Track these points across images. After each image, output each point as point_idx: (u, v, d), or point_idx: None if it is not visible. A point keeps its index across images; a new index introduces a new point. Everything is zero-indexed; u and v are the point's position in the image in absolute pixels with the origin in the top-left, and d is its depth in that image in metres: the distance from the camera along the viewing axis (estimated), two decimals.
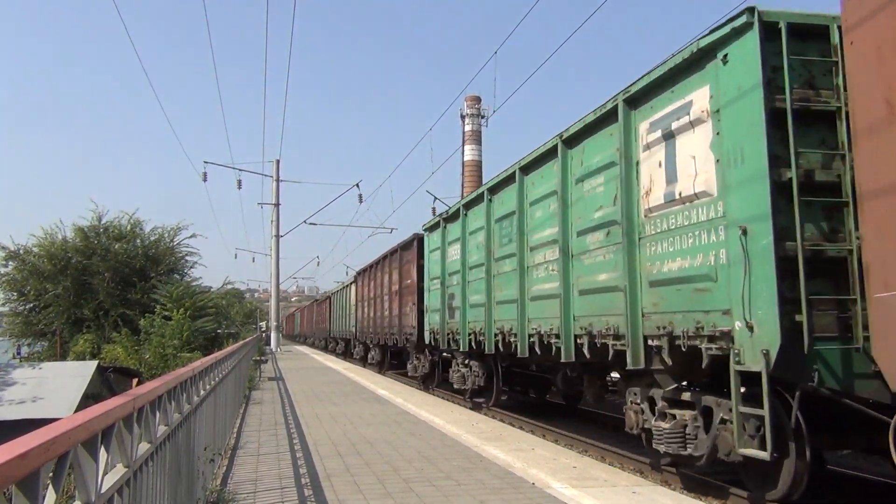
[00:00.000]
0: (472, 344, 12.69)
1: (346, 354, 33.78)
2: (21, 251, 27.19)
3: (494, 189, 11.74)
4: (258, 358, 23.37)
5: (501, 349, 11.26)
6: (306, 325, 65.62)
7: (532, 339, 9.76)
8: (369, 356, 25.94)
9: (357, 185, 40.17)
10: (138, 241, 28.99)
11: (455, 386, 14.44)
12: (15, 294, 27.76)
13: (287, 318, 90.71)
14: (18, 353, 28.23)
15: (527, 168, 10.30)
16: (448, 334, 14.38)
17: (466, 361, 13.83)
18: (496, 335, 11.33)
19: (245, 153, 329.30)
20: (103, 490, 2.37)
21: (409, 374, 19.03)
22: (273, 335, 41.70)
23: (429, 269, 16.42)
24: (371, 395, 15.25)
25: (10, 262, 27.21)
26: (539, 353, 9.55)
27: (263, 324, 61.98)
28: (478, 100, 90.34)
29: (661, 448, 6.76)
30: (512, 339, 10.53)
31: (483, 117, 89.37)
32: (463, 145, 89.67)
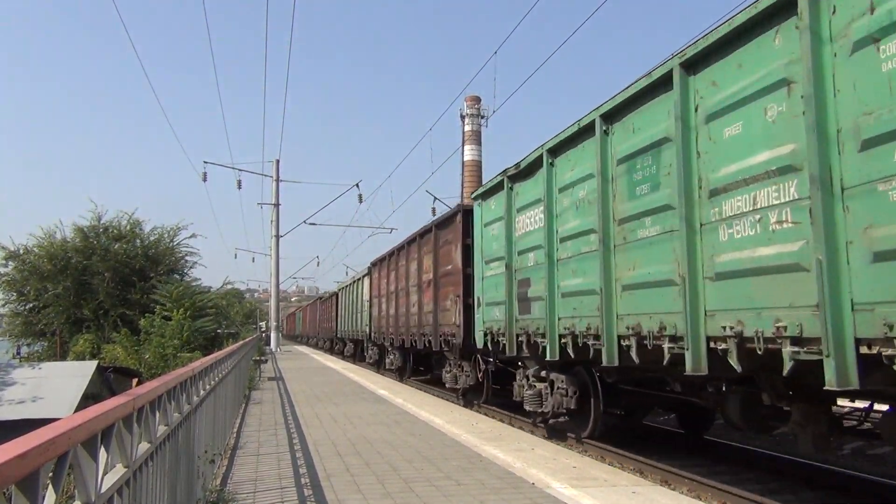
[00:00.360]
0: (569, 349, 8.31)
1: (357, 357, 30.36)
2: (21, 251, 27.19)
3: (611, 116, 7.48)
4: (258, 358, 23.38)
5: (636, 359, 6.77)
6: (309, 324, 61.53)
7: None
8: (386, 361, 22.49)
9: (357, 185, 40.23)
10: (138, 241, 28.99)
11: (527, 408, 10.35)
12: (14, 294, 27.76)
13: (288, 318, 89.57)
14: (18, 353, 28.23)
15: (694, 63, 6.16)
16: (518, 335, 10.07)
17: (544, 374, 9.99)
18: (622, 338, 7.11)
19: (245, 153, 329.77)
20: (103, 490, 2.37)
21: (448, 384, 14.94)
22: (273, 335, 41.70)
23: (482, 248, 11.87)
24: (371, 395, 15.25)
25: (10, 263, 27.21)
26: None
27: (263, 324, 62.01)
28: (478, 100, 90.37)
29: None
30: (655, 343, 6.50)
31: (483, 117, 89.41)
32: (463, 145, 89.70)
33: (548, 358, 8.89)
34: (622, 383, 9.18)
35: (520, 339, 9.99)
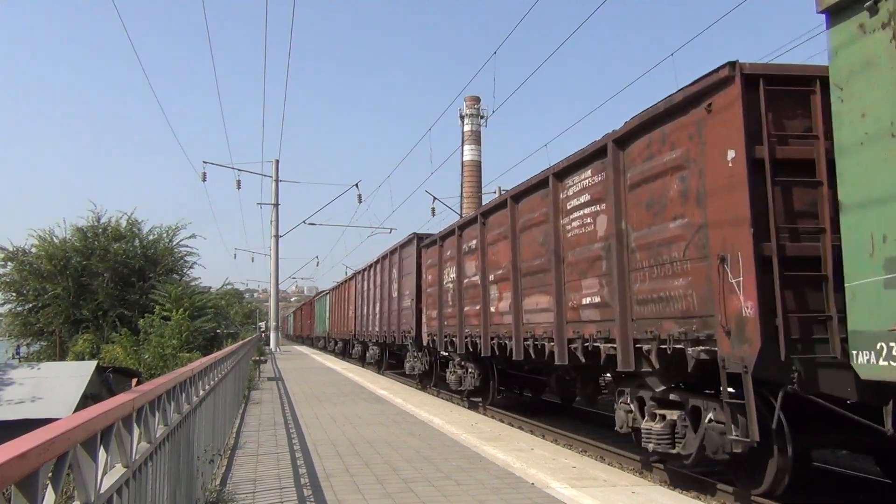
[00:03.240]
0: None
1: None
2: (20, 253, 27.15)
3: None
4: (257, 358, 23.37)
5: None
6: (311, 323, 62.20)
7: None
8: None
9: (356, 185, 40.21)
10: (137, 241, 28.95)
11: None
12: (14, 294, 27.73)
13: (288, 318, 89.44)
14: (17, 354, 28.19)
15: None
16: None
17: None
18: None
19: (244, 153, 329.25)
20: (102, 490, 2.37)
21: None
22: (272, 335, 41.69)
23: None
24: (370, 396, 15.25)
25: (9, 263, 27.18)
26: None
27: (263, 324, 61.97)
28: (477, 100, 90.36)
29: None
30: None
31: (482, 117, 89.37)
32: (462, 145, 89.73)
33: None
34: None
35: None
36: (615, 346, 7.41)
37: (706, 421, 6.35)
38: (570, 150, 8.98)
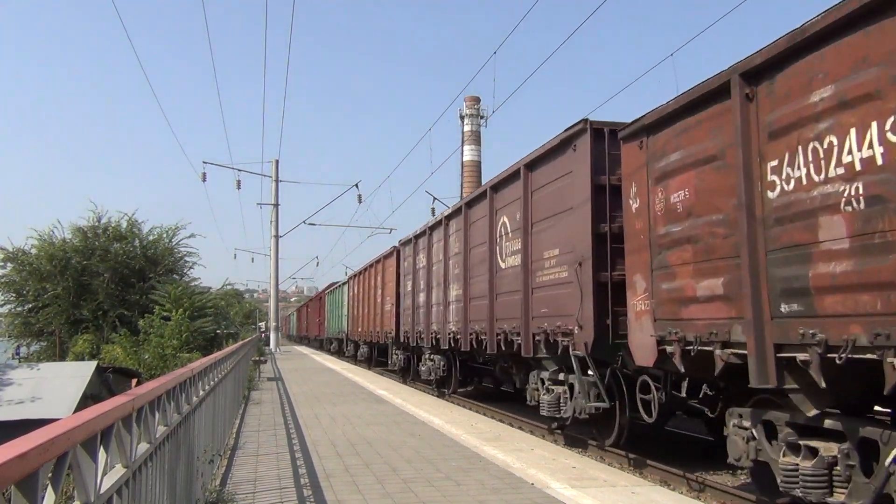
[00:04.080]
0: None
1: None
2: (20, 253, 27.13)
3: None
4: (257, 358, 23.36)
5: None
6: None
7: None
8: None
9: (356, 185, 40.23)
10: (137, 241, 28.92)
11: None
12: (14, 294, 27.71)
13: (290, 317, 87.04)
14: (17, 354, 28.18)
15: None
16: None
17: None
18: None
19: (244, 153, 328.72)
20: (102, 490, 2.37)
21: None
22: (272, 335, 41.69)
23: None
24: (370, 396, 15.26)
25: (9, 264, 27.16)
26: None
27: (263, 324, 61.91)
28: (477, 100, 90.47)
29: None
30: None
31: (482, 117, 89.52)
32: (462, 145, 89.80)
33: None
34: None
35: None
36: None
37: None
38: None
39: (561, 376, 9.33)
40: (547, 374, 9.65)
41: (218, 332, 27.28)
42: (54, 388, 15.19)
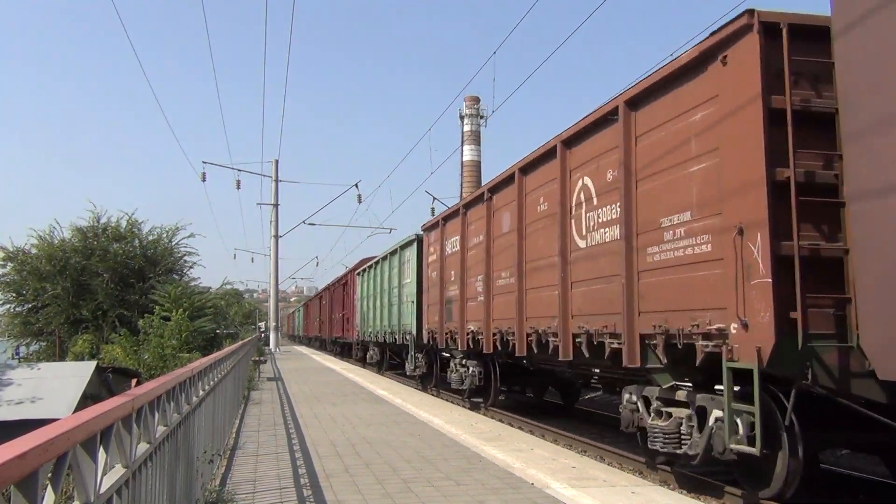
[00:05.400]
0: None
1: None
2: (19, 253, 27.12)
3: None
4: (257, 358, 23.35)
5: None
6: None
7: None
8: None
9: (356, 185, 40.21)
10: (136, 241, 28.92)
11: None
12: (13, 294, 27.71)
13: (295, 313, 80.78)
14: (17, 354, 28.16)
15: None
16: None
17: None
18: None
19: (244, 153, 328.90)
20: (102, 490, 2.37)
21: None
22: (272, 335, 41.66)
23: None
24: (370, 396, 15.25)
25: (9, 264, 27.15)
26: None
27: (262, 324, 61.88)
28: (477, 100, 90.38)
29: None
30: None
31: (482, 117, 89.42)
32: (462, 145, 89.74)
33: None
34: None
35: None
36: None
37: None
38: None
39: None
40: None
41: (217, 332, 27.27)
42: (54, 388, 15.18)
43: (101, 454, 2.43)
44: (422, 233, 17.65)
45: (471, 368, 13.31)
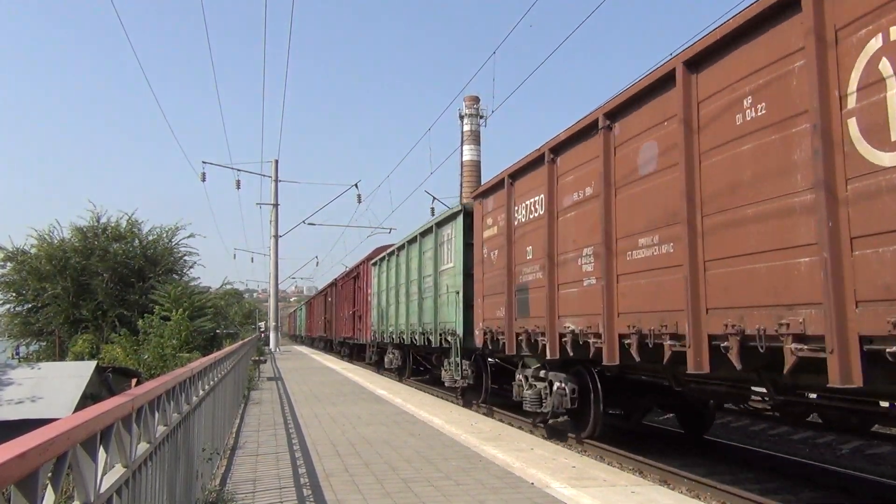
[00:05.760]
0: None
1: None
2: (19, 253, 27.12)
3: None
4: (257, 358, 23.36)
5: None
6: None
7: None
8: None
9: (356, 185, 40.24)
10: (136, 241, 28.94)
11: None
12: (13, 294, 27.71)
13: (297, 311, 75.99)
14: (17, 354, 28.17)
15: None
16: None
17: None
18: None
19: (243, 153, 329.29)
20: (102, 490, 2.37)
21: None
22: (272, 335, 41.67)
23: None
24: (370, 396, 15.25)
25: (9, 263, 27.16)
26: None
27: (262, 324, 61.88)
28: (476, 100, 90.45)
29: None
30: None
31: (482, 117, 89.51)
32: (462, 145, 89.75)
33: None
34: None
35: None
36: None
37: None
38: None
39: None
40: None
41: (217, 331, 27.28)
42: (54, 388, 15.18)
43: (101, 454, 2.43)
44: (470, 202, 13.54)
45: (557, 384, 9.70)
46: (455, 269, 14.28)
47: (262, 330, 52.73)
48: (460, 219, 14.08)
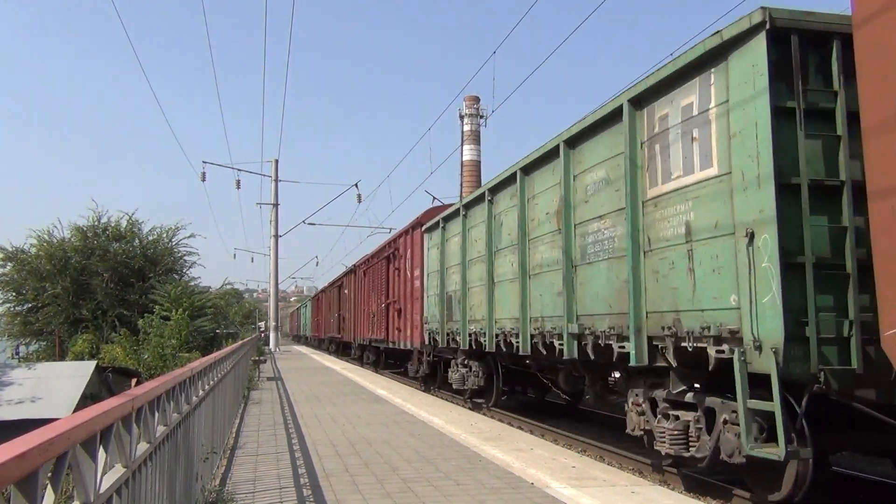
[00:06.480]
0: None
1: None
2: (19, 253, 27.12)
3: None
4: (257, 358, 23.36)
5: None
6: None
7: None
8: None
9: (356, 185, 40.26)
10: (136, 241, 28.95)
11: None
12: (13, 294, 27.71)
13: (301, 309, 71.51)
14: (17, 353, 28.17)
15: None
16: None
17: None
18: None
19: (244, 153, 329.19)
20: (102, 490, 2.37)
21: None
22: (272, 335, 41.68)
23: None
24: (370, 395, 15.25)
25: (9, 263, 27.16)
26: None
27: (262, 324, 61.89)
28: (476, 100, 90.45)
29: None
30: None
31: (482, 117, 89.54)
32: (462, 145, 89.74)
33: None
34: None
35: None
36: None
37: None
38: None
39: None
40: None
41: (217, 331, 27.28)
42: (54, 388, 15.19)
43: (101, 454, 2.43)
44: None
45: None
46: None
47: (262, 330, 52.75)
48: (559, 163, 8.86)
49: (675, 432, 6.52)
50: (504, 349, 10.94)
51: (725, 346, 5.69)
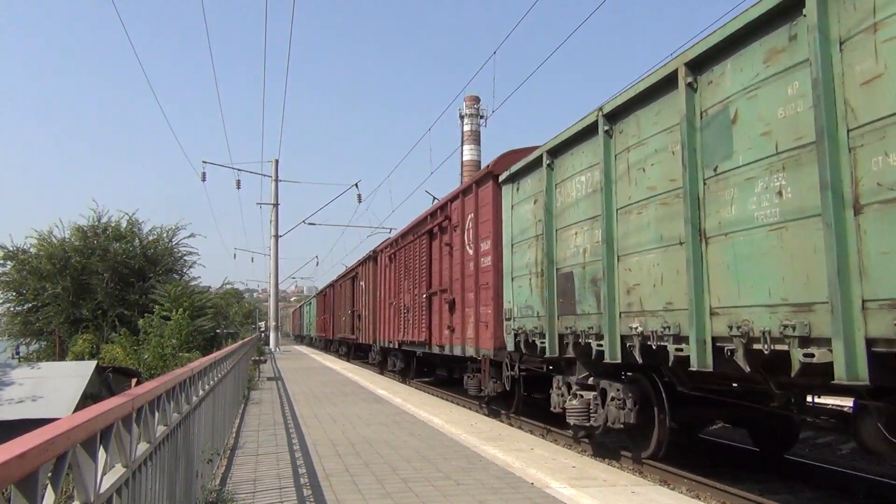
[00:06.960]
0: None
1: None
2: (19, 252, 27.12)
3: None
4: (257, 358, 23.36)
5: None
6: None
7: None
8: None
9: (356, 185, 40.27)
10: (137, 241, 28.93)
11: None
12: (13, 294, 27.70)
13: (304, 307, 66.79)
14: (17, 353, 28.16)
15: None
16: None
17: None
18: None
19: (244, 153, 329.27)
20: (102, 490, 2.37)
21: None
22: (272, 335, 41.69)
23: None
24: (370, 395, 15.25)
25: (9, 262, 27.15)
26: None
27: (262, 324, 61.88)
28: (477, 100, 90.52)
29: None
30: None
31: (482, 117, 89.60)
32: (462, 145, 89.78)
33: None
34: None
35: None
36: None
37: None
38: None
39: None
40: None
41: (217, 331, 27.27)
42: (54, 388, 15.18)
43: (101, 454, 2.43)
44: None
45: None
46: None
47: (262, 330, 52.76)
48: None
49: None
50: (747, 363, 5.44)
51: None
